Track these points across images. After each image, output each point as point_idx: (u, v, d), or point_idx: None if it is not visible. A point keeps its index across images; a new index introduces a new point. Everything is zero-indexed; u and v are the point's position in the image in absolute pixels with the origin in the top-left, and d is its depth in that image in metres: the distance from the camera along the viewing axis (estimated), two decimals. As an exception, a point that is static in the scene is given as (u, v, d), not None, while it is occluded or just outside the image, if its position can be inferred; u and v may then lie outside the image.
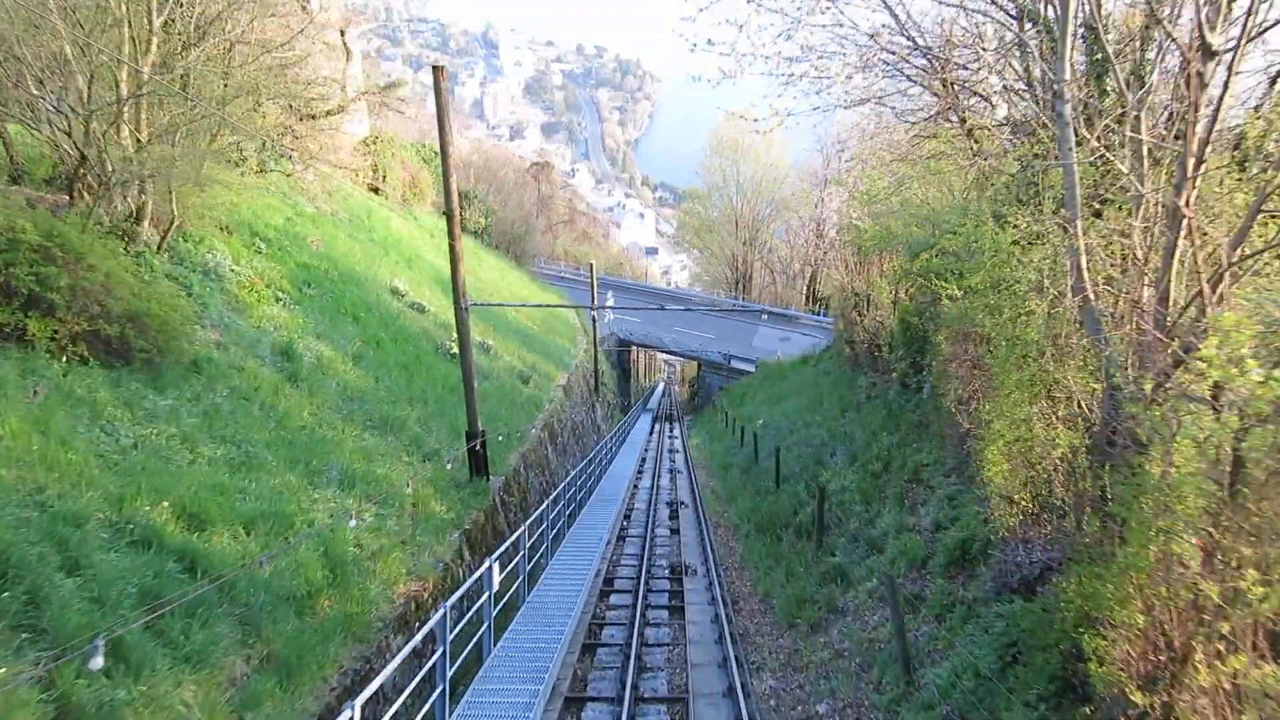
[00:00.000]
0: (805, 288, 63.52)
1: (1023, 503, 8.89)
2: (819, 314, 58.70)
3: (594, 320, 34.26)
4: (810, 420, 25.40)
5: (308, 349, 14.31)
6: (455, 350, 20.19)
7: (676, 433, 44.90)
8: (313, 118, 24.18)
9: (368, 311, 18.66)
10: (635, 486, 24.42)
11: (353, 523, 8.00)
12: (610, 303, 52.85)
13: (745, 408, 39.41)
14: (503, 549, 9.37)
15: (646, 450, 34.68)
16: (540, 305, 17.30)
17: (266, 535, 8.67)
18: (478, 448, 13.71)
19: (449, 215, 12.36)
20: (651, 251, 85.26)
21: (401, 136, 45.06)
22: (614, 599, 12.75)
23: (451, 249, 12.87)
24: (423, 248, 31.47)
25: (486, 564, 8.50)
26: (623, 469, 25.54)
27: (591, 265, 33.35)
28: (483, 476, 13.87)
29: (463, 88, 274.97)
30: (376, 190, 35.75)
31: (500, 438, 16.23)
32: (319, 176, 27.74)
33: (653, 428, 46.92)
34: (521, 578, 10.76)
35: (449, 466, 12.14)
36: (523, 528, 10.67)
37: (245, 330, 13.42)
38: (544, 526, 12.84)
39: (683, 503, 20.92)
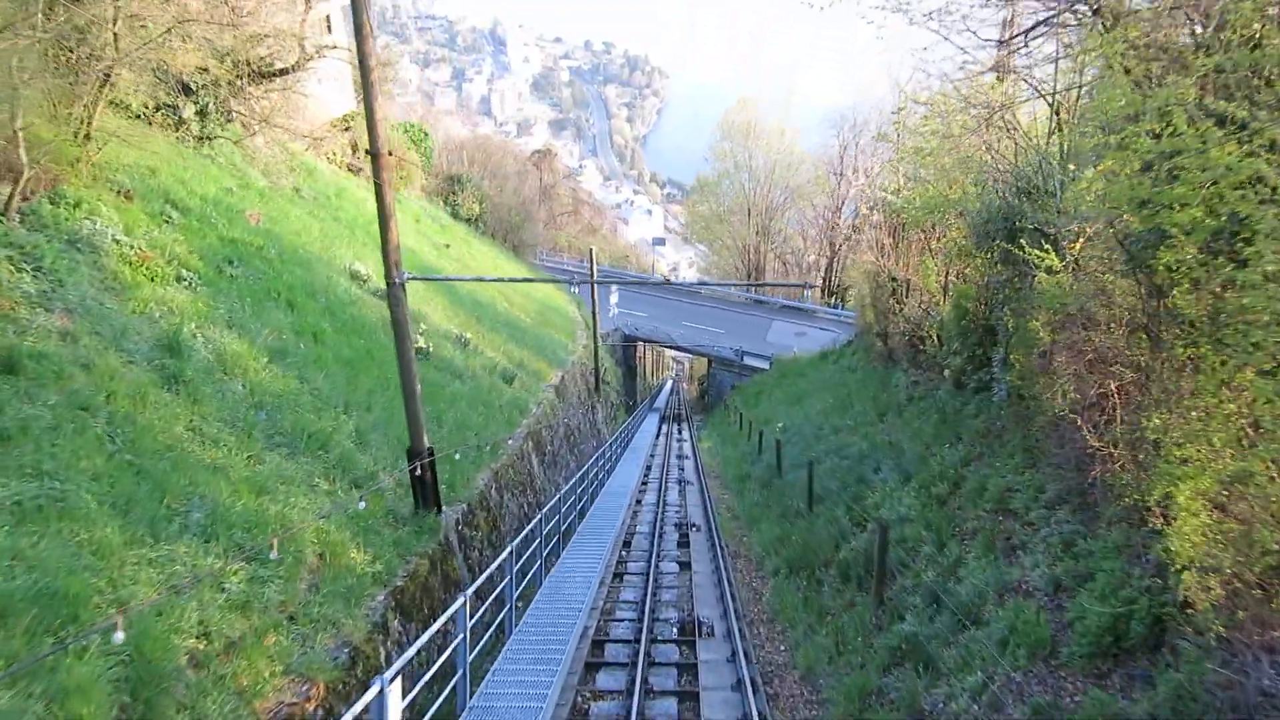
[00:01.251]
0: (822, 280, 59.96)
1: (1252, 580, 5.51)
2: (836, 307, 55.29)
3: (594, 312, 30.94)
4: (839, 424, 21.99)
5: (207, 341, 10.99)
6: (421, 344, 16.93)
7: (685, 435, 41.53)
8: (262, 75, 20.88)
9: (310, 297, 15.36)
10: (638, 502, 21.08)
11: (119, 635, 4.67)
12: (614, 296, 49.61)
13: (760, 408, 36.02)
14: (405, 659, 6.01)
15: (652, 456, 31.31)
16: (506, 280, 13.96)
17: (27, 635, 5.35)
18: (421, 470, 10.34)
19: (374, 155, 9.02)
20: (659, 241, 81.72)
21: (390, 117, 41.76)
22: (603, 679, 9.38)
23: (379, 198, 9.54)
24: (403, 231, 28.20)
25: (377, 686, 5.14)
26: (624, 482, 22.19)
27: (591, 250, 30.04)
28: (431, 508, 10.52)
29: (470, 84, 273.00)
30: (356, 171, 32.57)
31: (457, 455, 12.82)
32: (282, 149, 24.55)
33: (660, 429, 43.57)
34: (461, 673, 7.41)
35: (363, 505, 8.77)
36: (462, 599, 7.32)
37: (115, 316, 10.11)
38: (506, 582, 9.51)
39: (694, 525, 17.56)
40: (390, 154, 9.10)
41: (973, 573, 9.17)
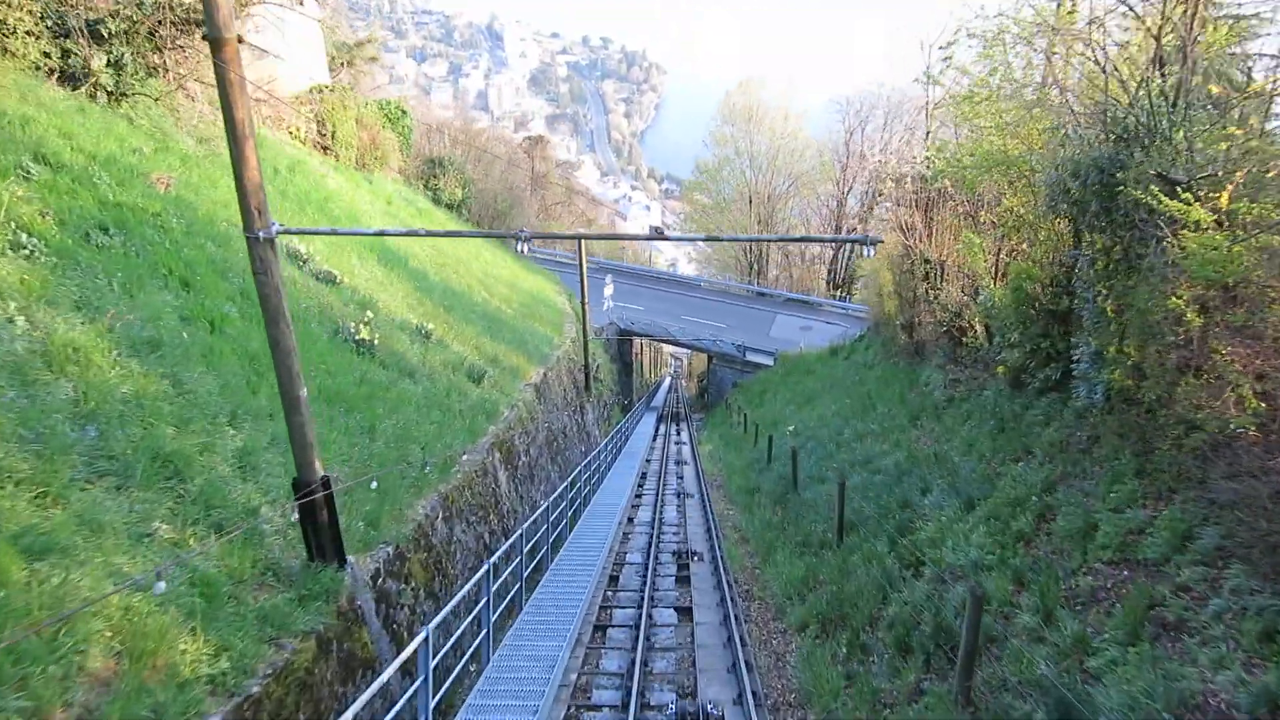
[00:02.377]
0: (827, 271, 57.01)
1: None
2: (843, 300, 52.45)
3: (584, 301, 28.02)
4: (863, 429, 19.03)
5: (33, 326, 8.00)
6: (365, 335, 13.95)
7: (684, 437, 38.57)
8: (189, 23, 17.85)
9: (220, 277, 12.36)
10: (630, 520, 18.11)
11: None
12: (609, 288, 46.51)
13: (766, 408, 33.10)
14: None
15: (648, 462, 28.33)
16: (424, 233, 10.81)
17: None
18: (313, 508, 7.32)
19: (213, 41, 5.92)
20: (656, 231, 78.60)
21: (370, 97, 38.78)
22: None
23: (226, 108, 6.45)
24: (366, 211, 25.22)
25: None
26: (614, 497, 19.22)
27: (579, 234, 27.00)
28: (330, 560, 7.51)
29: (467, 79, 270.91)
30: (325, 149, 29.60)
31: (374, 483, 9.56)
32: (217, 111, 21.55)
33: (657, 430, 40.61)
34: None
35: (161, 588, 5.64)
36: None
37: (-122, 290, 7.13)
38: (420, 684, 6.52)
39: (695, 553, 14.59)
40: (241, 41, 6.07)
41: (1113, 667, 6.19)
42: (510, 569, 10.12)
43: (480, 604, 8.31)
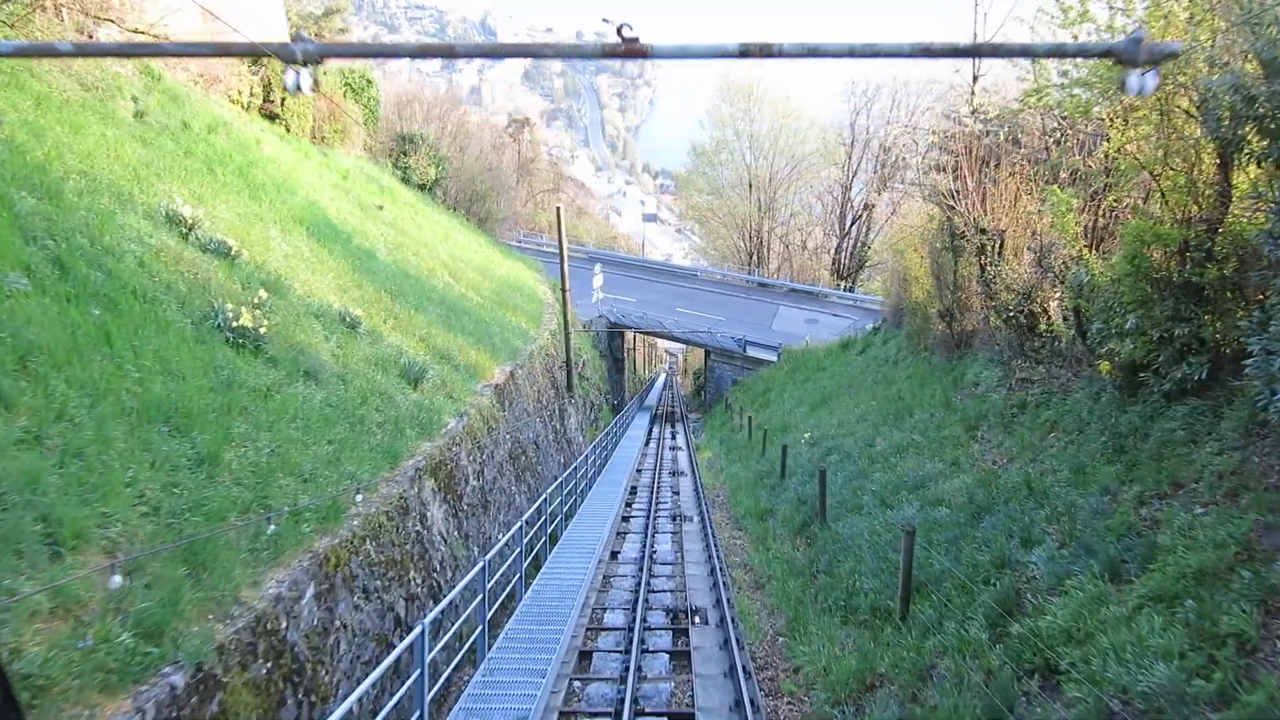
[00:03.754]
0: (831, 260, 53.36)
1: None
2: (851, 291, 48.97)
3: (564, 288, 24.38)
4: (901, 440, 15.41)
5: None
6: (247, 322, 10.27)
7: (680, 441, 34.97)
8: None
9: (18, 237, 8.66)
10: (614, 555, 14.51)
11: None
12: (598, 279, 42.80)
13: (772, 410, 29.52)
14: None
15: (639, 473, 24.72)
16: (173, 49, 7.17)
17: None
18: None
19: None
20: (650, 218, 75.52)
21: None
22: None
23: None
24: (312, 184, 21.48)
25: None
26: (595, 522, 15.60)
27: (559, 209, 23.52)
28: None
29: (460, 74, 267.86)
30: (274, 118, 25.83)
31: (116, 579, 5.66)
32: (144, 71, 17.95)
33: (650, 432, 37.05)
34: None
35: None
36: None
37: None
38: None
39: (697, 611, 10.97)
40: None
41: None
42: (410, 682, 6.47)
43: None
